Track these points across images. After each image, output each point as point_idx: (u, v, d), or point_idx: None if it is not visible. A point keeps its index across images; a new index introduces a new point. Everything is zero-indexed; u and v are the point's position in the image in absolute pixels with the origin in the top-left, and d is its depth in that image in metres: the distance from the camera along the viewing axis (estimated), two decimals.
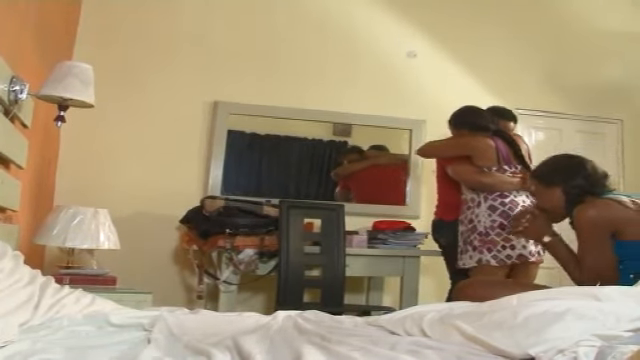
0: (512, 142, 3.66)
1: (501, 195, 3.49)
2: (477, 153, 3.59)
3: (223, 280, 3.70)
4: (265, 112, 4.42)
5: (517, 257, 3.42)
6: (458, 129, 3.76)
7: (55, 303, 1.92)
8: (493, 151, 3.58)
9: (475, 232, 3.50)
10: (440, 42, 4.82)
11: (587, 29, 5.11)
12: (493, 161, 3.56)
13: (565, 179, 2.70)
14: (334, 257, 3.77)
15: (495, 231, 3.44)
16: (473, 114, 3.75)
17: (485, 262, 3.44)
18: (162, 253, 4.14)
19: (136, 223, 4.01)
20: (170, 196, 4.13)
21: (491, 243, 3.44)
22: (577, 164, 2.73)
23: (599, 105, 5.10)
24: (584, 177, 2.67)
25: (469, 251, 3.52)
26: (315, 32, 4.62)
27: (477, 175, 3.57)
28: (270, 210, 3.85)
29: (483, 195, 3.52)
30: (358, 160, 4.69)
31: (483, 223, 3.48)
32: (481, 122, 3.70)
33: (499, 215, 3.45)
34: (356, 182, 4.68)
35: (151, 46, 4.28)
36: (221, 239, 3.66)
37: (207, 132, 4.34)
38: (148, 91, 4.24)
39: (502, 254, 3.43)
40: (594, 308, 1.65)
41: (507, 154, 3.60)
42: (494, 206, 3.48)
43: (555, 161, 2.84)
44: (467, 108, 3.79)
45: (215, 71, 4.37)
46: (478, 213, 3.51)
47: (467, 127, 3.71)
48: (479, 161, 3.58)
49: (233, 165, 4.37)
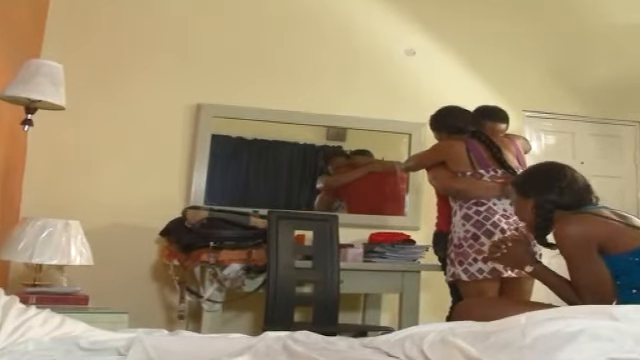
0: (490, 144, 3.62)
1: (476, 203, 3.48)
2: (449, 157, 3.63)
3: (206, 298, 3.68)
4: (252, 115, 4.42)
5: (489, 272, 3.38)
6: (437, 132, 3.84)
7: (20, 325, 1.89)
8: (465, 154, 3.58)
9: (452, 244, 3.52)
10: (441, 39, 4.82)
11: (601, 23, 5.13)
12: (466, 165, 3.56)
13: (538, 192, 2.70)
14: (327, 272, 3.77)
15: (468, 242, 3.43)
16: (448, 116, 3.78)
17: (457, 276, 3.45)
18: (140, 269, 4.11)
19: (111, 236, 3.98)
20: (149, 206, 4.11)
21: (463, 255, 3.44)
22: (553, 176, 2.71)
23: (614, 106, 5.11)
24: (558, 191, 2.65)
25: (447, 264, 3.56)
26: (306, 28, 4.62)
27: (449, 180, 3.61)
28: (258, 221, 3.85)
29: (459, 203, 3.54)
30: (346, 166, 4.69)
31: (457, 233, 3.49)
32: (455, 123, 3.73)
33: (473, 225, 3.44)
34: (349, 191, 4.68)
35: (128, 43, 4.26)
36: (204, 253, 3.65)
37: (189, 137, 4.32)
38: (125, 92, 4.22)
39: (473, 267, 3.40)
40: (610, 328, 1.63)
41: (484, 157, 3.58)
42: (468, 215, 3.47)
43: (534, 170, 2.87)
44: (443, 110, 3.83)
45: (198, 70, 4.36)
46: (455, 223, 3.54)
47: (444, 130, 3.77)
48: (453, 166, 3.60)
49: (217, 172, 4.36)
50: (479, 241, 3.38)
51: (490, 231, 3.39)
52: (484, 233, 3.39)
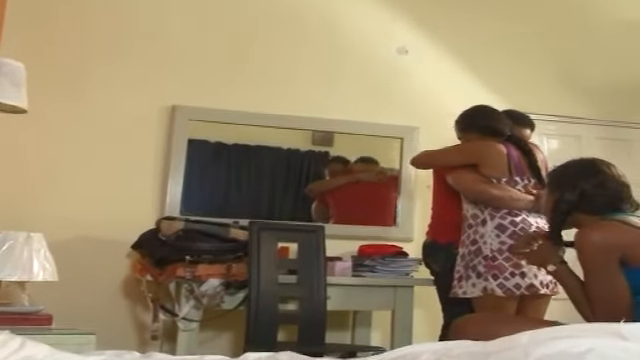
0: (528, 151, 3.64)
1: (511, 213, 3.47)
2: (485, 160, 3.58)
3: (182, 316, 3.67)
4: (232, 118, 4.41)
5: (527, 287, 3.38)
6: (466, 132, 3.76)
7: None
8: (504, 159, 3.57)
9: (480, 255, 3.47)
10: (436, 36, 4.83)
11: (608, 18, 5.15)
12: (504, 171, 3.55)
13: (561, 188, 2.70)
14: (313, 288, 3.77)
15: (504, 255, 3.41)
16: (486, 115, 3.75)
17: (490, 291, 3.41)
18: (109, 285, 4.08)
19: (78, 249, 3.96)
20: (119, 217, 4.09)
21: (498, 269, 3.41)
22: (581, 175, 2.72)
23: (624, 107, 5.13)
24: (580, 192, 2.66)
25: (471, 278, 3.48)
26: (290, 25, 4.61)
27: (484, 185, 3.54)
28: (238, 233, 3.84)
29: (488, 211, 3.50)
30: (341, 173, 4.70)
31: (489, 245, 3.45)
32: (494, 125, 3.69)
33: (509, 236, 3.41)
34: (335, 199, 4.67)
35: (96, 40, 4.24)
36: (180, 268, 3.64)
37: (164, 141, 4.31)
38: (92, 93, 4.20)
39: (510, 282, 3.39)
40: (619, 348, 1.61)
41: (520, 164, 3.60)
42: (503, 225, 3.45)
43: (567, 165, 2.87)
44: (479, 107, 3.79)
45: (173, 69, 4.35)
46: (483, 233, 3.49)
47: (476, 130, 3.71)
48: (487, 169, 3.56)
49: (195, 180, 4.35)
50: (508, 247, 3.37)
51: None
52: None
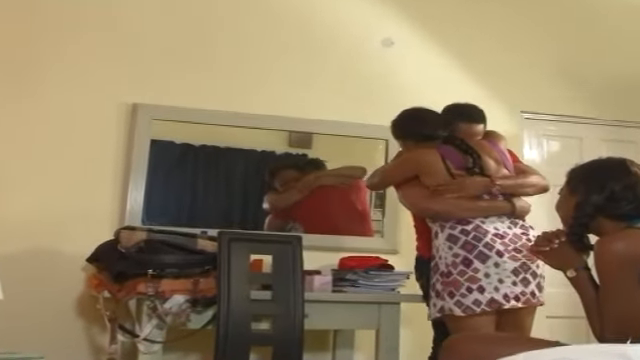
0: (468, 149, 3.63)
1: (460, 222, 3.46)
2: (422, 170, 3.62)
3: (143, 337, 3.63)
4: (200, 117, 4.42)
5: (488, 303, 3.35)
6: (403, 141, 3.82)
7: None
8: (440, 164, 3.58)
9: (437, 272, 3.49)
10: (424, 27, 4.86)
11: (613, 7, 5.19)
12: (444, 176, 3.56)
13: (585, 190, 2.70)
14: (289, 305, 3.74)
15: (458, 269, 3.40)
16: (414, 120, 3.79)
17: (448, 311, 3.41)
18: (61, 302, 4.06)
19: (26, 263, 3.95)
20: (74, 227, 4.09)
21: (453, 285, 3.40)
22: (611, 176, 2.71)
23: (629, 106, 5.18)
24: (608, 195, 2.65)
25: (432, 297, 3.52)
26: (264, 15, 4.63)
27: (424, 200, 3.58)
28: (206, 244, 3.83)
29: (439, 222, 3.52)
30: (296, 181, 4.66)
31: (444, 259, 3.46)
32: (423, 129, 3.72)
33: (462, 247, 3.41)
34: (302, 210, 4.64)
35: (47, 31, 4.23)
36: (141, 283, 3.61)
37: (124, 143, 4.30)
38: (43, 89, 4.20)
39: (467, 300, 3.36)
40: None
41: (462, 165, 3.60)
42: (454, 236, 3.45)
43: (594, 164, 2.85)
44: (407, 113, 3.82)
45: (133, 63, 4.35)
46: (438, 247, 3.51)
47: (412, 138, 3.75)
48: (428, 180, 3.59)
49: (158, 186, 4.37)
50: (472, 267, 3.36)
51: (484, 254, 3.36)
52: (477, 257, 3.37)
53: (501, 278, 3.35)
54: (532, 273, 3.41)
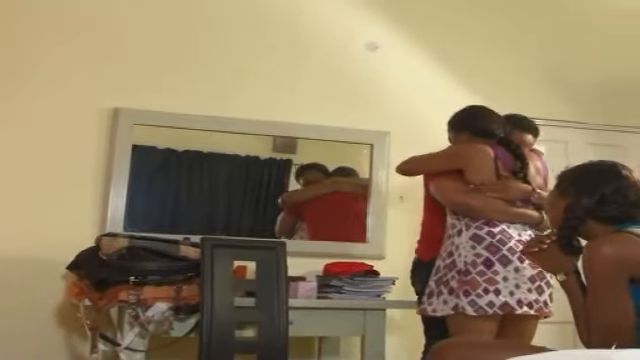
0: (519, 155, 3.68)
1: (488, 223, 3.49)
2: (471, 163, 3.62)
3: (125, 346, 3.62)
4: (183, 122, 4.41)
5: (501, 306, 3.37)
6: (457, 133, 3.81)
7: None
8: (491, 162, 3.60)
9: (454, 269, 3.48)
10: (410, 30, 4.85)
11: (601, 9, 5.22)
12: (490, 174, 3.59)
13: (576, 192, 2.70)
14: (274, 311, 3.73)
15: (477, 268, 3.41)
16: (479, 115, 3.79)
17: (461, 309, 3.41)
18: (40, 311, 4.03)
19: (5, 271, 3.95)
20: (54, 234, 4.06)
21: (470, 284, 3.40)
22: (602, 179, 2.72)
23: (616, 110, 5.20)
24: (599, 199, 2.66)
25: (443, 294, 3.49)
26: (245, 19, 4.61)
27: (463, 195, 3.57)
28: (189, 251, 3.82)
29: (465, 221, 3.53)
30: (317, 183, 4.73)
31: (464, 257, 3.46)
32: (486, 125, 3.73)
33: (485, 248, 3.43)
34: (312, 211, 4.69)
35: (27, 35, 4.21)
36: (123, 290, 3.59)
37: (105, 148, 4.29)
38: (22, 95, 4.18)
39: (482, 300, 3.38)
40: None
41: (511, 168, 3.64)
42: (478, 236, 3.46)
43: (584, 167, 2.85)
44: (472, 107, 3.84)
45: (115, 69, 4.33)
46: (458, 244, 3.50)
47: (468, 131, 3.75)
48: (472, 174, 3.59)
49: (140, 191, 4.36)
50: (492, 269, 3.38)
51: (507, 258, 3.39)
52: (499, 260, 3.39)
53: (518, 284, 3.39)
54: (547, 283, 3.46)
